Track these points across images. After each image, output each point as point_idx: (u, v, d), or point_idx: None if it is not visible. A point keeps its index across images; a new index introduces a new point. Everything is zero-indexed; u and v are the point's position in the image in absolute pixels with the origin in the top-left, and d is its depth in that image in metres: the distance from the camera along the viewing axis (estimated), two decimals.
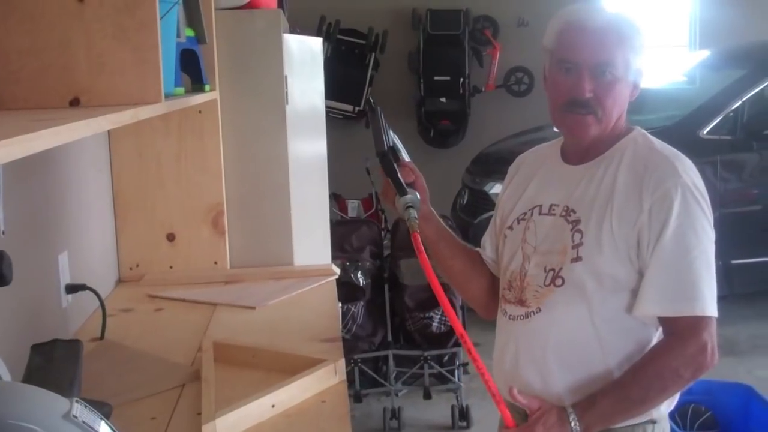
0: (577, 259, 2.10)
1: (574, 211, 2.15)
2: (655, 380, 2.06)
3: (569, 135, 2.24)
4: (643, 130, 2.23)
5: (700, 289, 2.04)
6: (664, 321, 2.10)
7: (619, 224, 2.07)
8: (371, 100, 2.36)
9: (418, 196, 2.19)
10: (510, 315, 2.24)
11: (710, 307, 2.05)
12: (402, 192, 2.17)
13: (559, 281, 2.13)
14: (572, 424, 2.05)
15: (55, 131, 1.40)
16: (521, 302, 2.20)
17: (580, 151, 2.22)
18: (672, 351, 2.05)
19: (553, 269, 2.14)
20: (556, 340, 2.14)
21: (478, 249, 2.47)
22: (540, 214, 2.23)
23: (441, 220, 2.38)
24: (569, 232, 2.13)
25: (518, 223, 2.28)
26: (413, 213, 2.16)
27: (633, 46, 2.11)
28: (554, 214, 2.19)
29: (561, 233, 2.15)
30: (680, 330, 2.05)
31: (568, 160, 2.26)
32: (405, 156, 2.25)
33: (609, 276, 2.09)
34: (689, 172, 2.11)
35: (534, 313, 2.17)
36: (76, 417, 1.30)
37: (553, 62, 2.17)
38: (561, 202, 2.19)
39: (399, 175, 2.17)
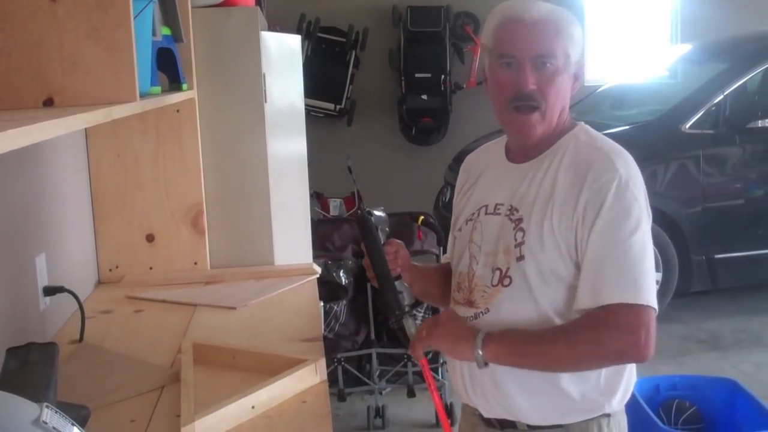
0: (521, 257, 2.09)
1: (517, 210, 2.14)
2: (574, 338, 2.02)
3: (515, 135, 2.24)
4: (587, 126, 2.23)
5: (634, 279, 2.01)
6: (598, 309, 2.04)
7: (559, 222, 2.06)
8: (363, 208, 2.32)
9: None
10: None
11: (644, 297, 2.00)
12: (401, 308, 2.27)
13: (507, 281, 2.12)
14: (477, 337, 2.06)
15: (24, 130, 1.38)
16: (470, 303, 2.20)
17: (524, 149, 2.22)
18: (598, 323, 2.00)
19: (500, 269, 2.13)
20: None
21: (446, 262, 2.47)
22: (486, 213, 2.23)
23: (418, 266, 2.45)
24: (512, 231, 2.13)
25: (467, 224, 2.28)
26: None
27: (571, 37, 2.11)
28: (499, 214, 2.19)
29: (505, 232, 2.14)
30: (612, 314, 2.00)
31: (512, 158, 2.26)
32: (384, 222, 2.27)
33: (552, 272, 2.07)
34: (627, 166, 2.09)
35: (482, 314, 2.16)
36: (46, 423, 1.28)
37: (493, 59, 2.15)
38: (506, 201, 2.19)
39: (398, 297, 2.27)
